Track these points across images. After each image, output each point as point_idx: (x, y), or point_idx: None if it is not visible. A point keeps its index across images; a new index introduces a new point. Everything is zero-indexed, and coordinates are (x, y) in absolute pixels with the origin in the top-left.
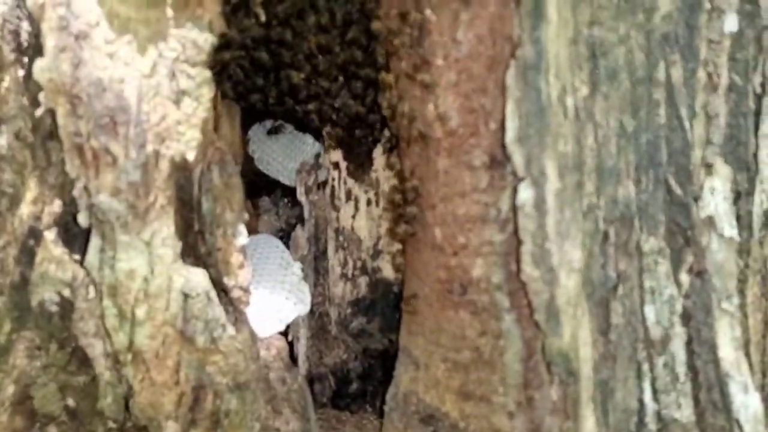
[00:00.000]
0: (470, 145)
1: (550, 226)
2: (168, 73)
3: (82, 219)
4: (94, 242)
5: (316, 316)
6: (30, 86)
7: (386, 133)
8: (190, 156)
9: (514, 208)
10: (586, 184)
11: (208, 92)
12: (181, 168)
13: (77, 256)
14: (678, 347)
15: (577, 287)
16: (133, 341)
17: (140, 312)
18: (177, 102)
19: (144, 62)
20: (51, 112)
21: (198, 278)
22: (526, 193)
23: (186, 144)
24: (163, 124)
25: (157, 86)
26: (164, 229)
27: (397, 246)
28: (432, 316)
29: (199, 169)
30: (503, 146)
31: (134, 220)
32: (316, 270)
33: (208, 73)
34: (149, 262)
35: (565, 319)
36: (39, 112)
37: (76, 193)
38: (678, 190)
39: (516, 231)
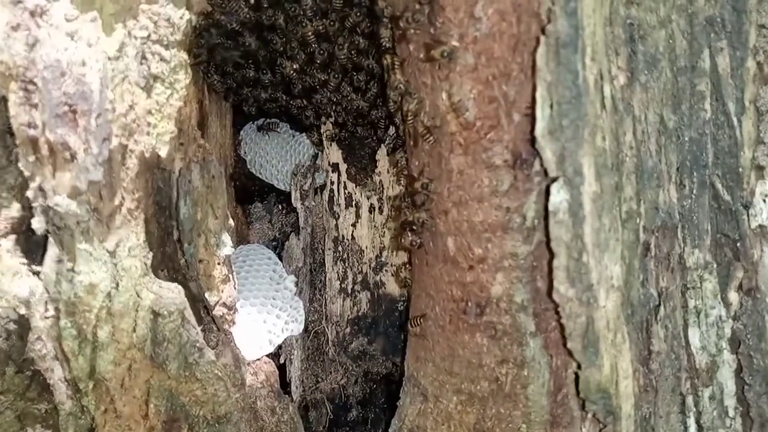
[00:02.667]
0: (490, 141)
1: (588, 236)
2: (137, 56)
3: (37, 224)
4: (51, 252)
5: (312, 336)
6: None
7: (392, 131)
8: (163, 152)
9: (543, 215)
10: (625, 187)
11: (184, 78)
12: (154, 166)
13: (38, 268)
14: (726, 377)
15: (616, 309)
16: (95, 367)
17: (102, 333)
18: (147, 89)
19: (110, 43)
20: (3, 100)
21: (171, 294)
22: (559, 196)
23: (158, 137)
24: (130, 114)
25: (124, 70)
26: (132, 238)
27: (403, 258)
28: (443, 340)
29: (178, 167)
30: (530, 141)
31: (97, 227)
32: (312, 284)
33: (184, 56)
34: (113, 275)
35: (604, 348)
36: None
37: (30, 194)
38: (726, 196)
39: (547, 242)
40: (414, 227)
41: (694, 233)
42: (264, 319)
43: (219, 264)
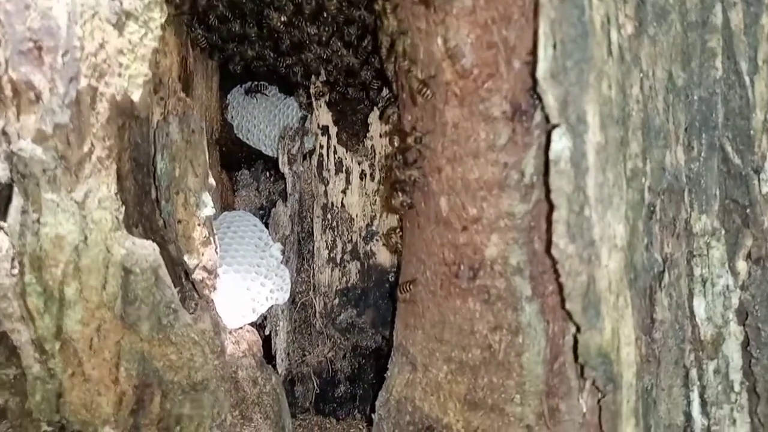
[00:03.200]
0: (487, 90)
1: (591, 189)
2: None
3: (0, 172)
4: (16, 202)
5: (299, 307)
6: None
7: (385, 93)
8: (136, 95)
9: (542, 171)
10: (630, 142)
11: (159, 16)
12: (127, 112)
13: (4, 223)
14: (732, 350)
15: (619, 270)
16: (62, 327)
17: (70, 290)
18: (119, 26)
19: None
20: None
21: (144, 251)
22: (561, 143)
23: (130, 80)
24: (100, 53)
25: (94, 6)
26: (102, 188)
27: (394, 223)
28: (434, 306)
29: (156, 120)
30: (530, 91)
31: (64, 175)
32: (300, 253)
33: None
34: (82, 228)
35: (606, 310)
36: None
37: None
38: (736, 159)
39: (547, 194)
40: (405, 187)
41: (702, 198)
42: (247, 286)
43: (199, 225)
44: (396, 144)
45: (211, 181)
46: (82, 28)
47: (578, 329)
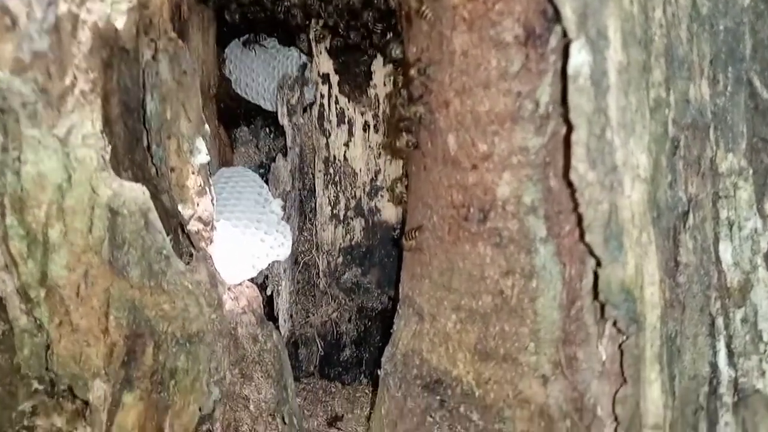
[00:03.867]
0: (499, 13)
1: (613, 111)
2: None
3: None
4: None
5: (301, 266)
6: None
7: (389, 36)
8: (120, 23)
9: (559, 99)
10: (653, 69)
11: None
12: (111, 42)
13: None
14: (761, 297)
15: (643, 204)
16: (47, 273)
17: (54, 233)
18: None
19: None
20: None
21: (133, 193)
22: (580, 57)
23: (113, 6)
24: None
25: None
26: (86, 125)
27: (399, 172)
28: (441, 253)
29: (145, 60)
30: (544, 13)
31: (45, 110)
32: (302, 210)
33: None
34: (65, 165)
35: (629, 244)
36: None
37: None
38: (765, 94)
39: (565, 114)
40: (410, 125)
41: (728, 135)
42: (247, 241)
43: (193, 173)
44: (399, 81)
45: (206, 126)
46: None
47: (598, 263)
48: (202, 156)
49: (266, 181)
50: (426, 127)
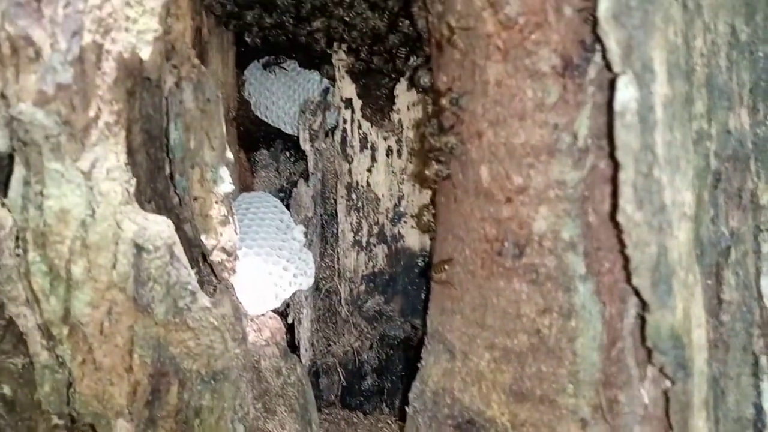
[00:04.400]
0: (535, 43)
1: (659, 147)
2: None
3: (0, 140)
4: (17, 173)
5: (323, 294)
6: None
7: (413, 61)
8: (145, 53)
9: (598, 132)
10: (695, 101)
11: None
12: (135, 73)
13: (5, 198)
14: None
15: (688, 243)
16: (70, 309)
17: (77, 269)
18: None
19: None
20: None
21: (158, 226)
22: (627, 93)
23: (138, 36)
24: (105, 6)
25: None
26: (110, 158)
27: (425, 200)
28: (474, 288)
29: (168, 88)
30: (582, 43)
31: (69, 142)
32: (323, 236)
33: None
34: (89, 200)
35: (677, 286)
36: None
37: None
38: None
39: (612, 151)
40: (440, 155)
41: None
42: (269, 270)
43: (217, 203)
44: (428, 110)
45: (229, 155)
46: None
47: (643, 307)
48: (226, 185)
49: (287, 206)
50: (457, 157)
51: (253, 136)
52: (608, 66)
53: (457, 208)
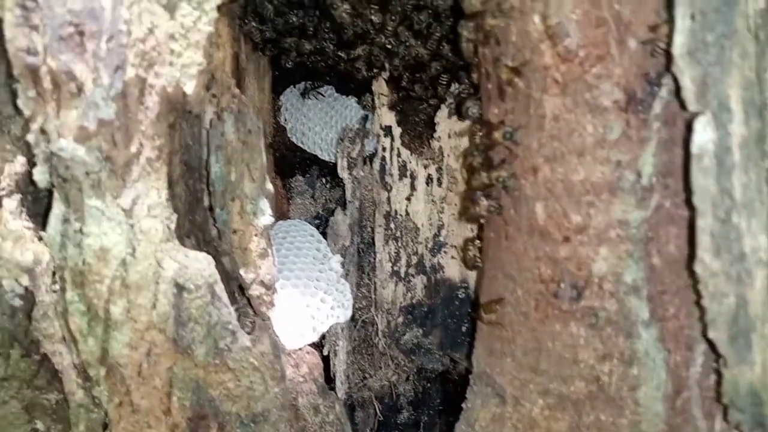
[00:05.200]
0: (596, 76)
1: (737, 191)
2: None
3: (40, 175)
4: (56, 209)
5: (359, 325)
6: None
7: (455, 88)
8: (189, 87)
9: (664, 170)
10: (767, 138)
11: None
12: (178, 107)
13: (45, 233)
14: None
15: (764, 290)
16: (107, 350)
17: (116, 310)
18: (170, 8)
19: None
20: None
21: (199, 264)
22: (705, 135)
23: (183, 70)
24: (149, 39)
25: None
26: (152, 194)
27: (467, 233)
28: (527, 331)
29: (209, 120)
30: (646, 76)
31: (109, 179)
32: (360, 266)
33: None
34: (129, 239)
35: (756, 339)
36: None
37: (31, 138)
38: None
39: (688, 197)
40: (491, 191)
41: None
42: (307, 303)
43: (256, 235)
44: (477, 141)
45: (269, 186)
46: (129, 10)
47: (717, 360)
48: (266, 217)
49: (323, 234)
50: (509, 192)
51: (289, 162)
52: (682, 104)
53: (509, 246)
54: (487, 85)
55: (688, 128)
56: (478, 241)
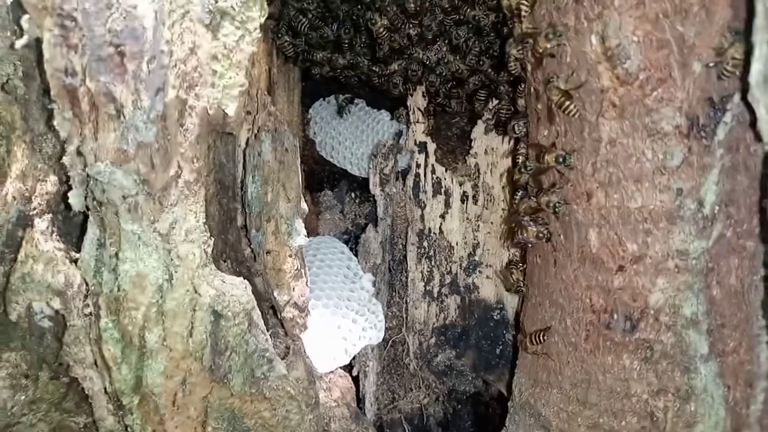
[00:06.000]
0: (657, 100)
1: None
2: None
3: (75, 199)
4: (91, 233)
5: (390, 346)
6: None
7: (492, 105)
8: (231, 109)
9: (726, 199)
10: None
11: (258, 15)
12: (218, 129)
13: (77, 254)
14: None
15: None
16: (142, 379)
17: (152, 337)
18: (213, 28)
19: None
20: (37, 43)
21: (236, 291)
22: None
23: (224, 91)
24: (191, 60)
25: (185, 3)
26: (190, 218)
27: (508, 253)
28: (576, 361)
29: (245, 138)
30: (709, 101)
31: (147, 203)
32: (391, 285)
33: None
34: (166, 264)
35: None
36: (21, 42)
37: (66, 160)
38: None
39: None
40: (539, 216)
41: None
42: (338, 323)
43: (290, 256)
44: (525, 163)
45: (304, 205)
46: (170, 30)
47: None
48: (301, 238)
49: (352, 250)
50: (561, 217)
51: (318, 177)
52: (757, 136)
53: (558, 273)
54: (536, 105)
55: (765, 161)
56: (521, 264)
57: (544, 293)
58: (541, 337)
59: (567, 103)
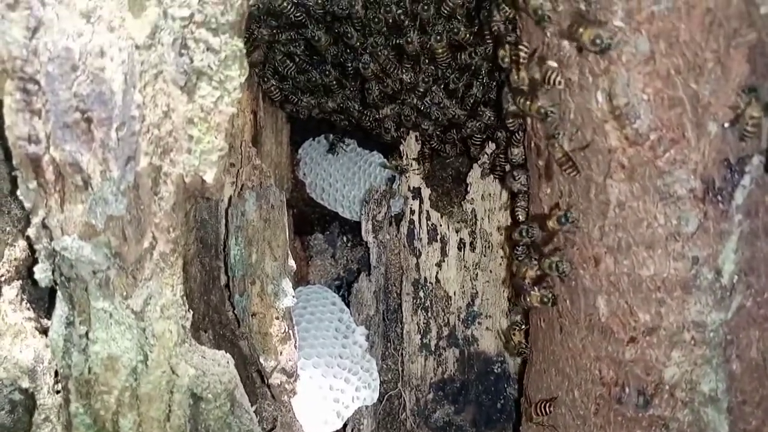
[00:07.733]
0: (669, 162)
1: None
2: (176, 43)
3: (41, 273)
4: (60, 310)
5: (385, 401)
6: None
7: (489, 148)
8: (209, 176)
9: (747, 268)
10: None
11: (238, 75)
12: (196, 195)
13: (48, 322)
14: None
15: None
16: None
17: (126, 423)
18: (189, 89)
19: (139, 25)
20: None
21: (218, 369)
22: None
23: (202, 157)
24: (165, 124)
25: (157, 64)
26: (166, 292)
27: (512, 317)
28: None
29: (228, 195)
30: (725, 162)
31: (119, 278)
32: (386, 337)
33: (238, 44)
34: (140, 345)
35: None
36: None
37: (31, 232)
38: None
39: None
40: (544, 280)
41: None
42: (330, 384)
43: (277, 318)
44: (527, 230)
45: (291, 263)
46: (142, 92)
47: None
48: (288, 299)
49: (344, 299)
50: (567, 283)
51: (308, 219)
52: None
53: (564, 340)
54: (537, 161)
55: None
56: (524, 325)
57: (549, 360)
58: (547, 408)
59: (567, 165)
